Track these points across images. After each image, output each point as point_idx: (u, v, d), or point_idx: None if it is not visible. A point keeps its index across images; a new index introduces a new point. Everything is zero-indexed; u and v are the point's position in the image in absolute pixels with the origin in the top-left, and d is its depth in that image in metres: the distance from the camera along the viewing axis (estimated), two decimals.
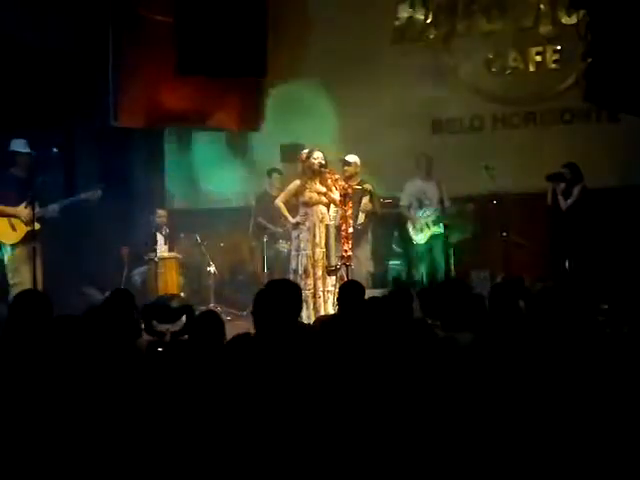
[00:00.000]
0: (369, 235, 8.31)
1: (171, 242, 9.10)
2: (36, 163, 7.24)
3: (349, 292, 5.03)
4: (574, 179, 8.24)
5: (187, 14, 9.06)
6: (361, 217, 8.19)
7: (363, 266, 8.15)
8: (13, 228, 7.26)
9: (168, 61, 9.01)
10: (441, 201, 8.51)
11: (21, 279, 7.15)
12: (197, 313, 4.40)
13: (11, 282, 7.21)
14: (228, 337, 3.68)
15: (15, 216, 7.25)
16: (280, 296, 3.81)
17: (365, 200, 8.21)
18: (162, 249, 8.91)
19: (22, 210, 7.25)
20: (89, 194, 7.48)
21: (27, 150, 7.33)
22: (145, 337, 4.50)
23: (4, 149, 7.42)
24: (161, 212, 9.16)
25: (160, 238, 9.01)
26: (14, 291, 7.02)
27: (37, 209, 7.12)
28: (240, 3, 9.14)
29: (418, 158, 8.68)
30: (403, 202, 8.64)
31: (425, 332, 3.17)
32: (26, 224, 7.23)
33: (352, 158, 8.17)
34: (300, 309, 4.74)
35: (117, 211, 8.36)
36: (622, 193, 8.54)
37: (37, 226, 7.17)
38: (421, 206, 8.53)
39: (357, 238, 7.87)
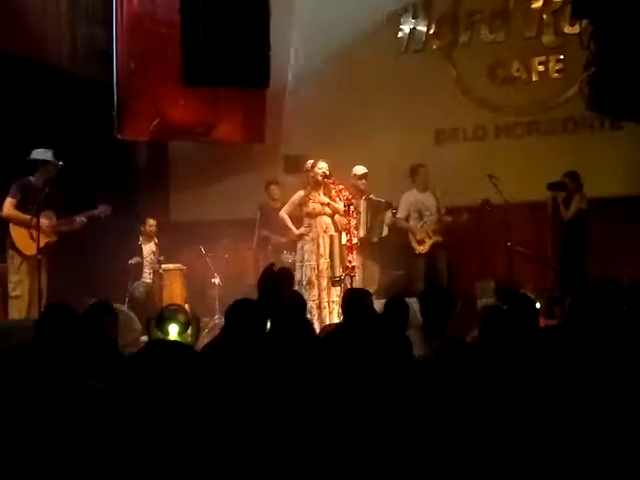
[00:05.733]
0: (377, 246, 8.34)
1: (174, 253, 9.09)
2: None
3: (352, 300, 5.03)
4: (575, 188, 8.25)
5: (193, 26, 9.08)
6: (385, 230, 8.24)
7: (373, 277, 8.17)
8: (32, 238, 7.04)
9: (172, 75, 9.02)
10: (438, 210, 8.52)
11: (22, 292, 7.03)
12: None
13: (12, 294, 7.07)
14: None
15: (32, 227, 7.01)
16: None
17: (389, 213, 8.25)
18: (149, 258, 8.84)
19: (43, 221, 7.09)
20: (102, 209, 7.53)
21: (57, 161, 7.20)
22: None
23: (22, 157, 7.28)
24: (151, 221, 9.06)
25: (150, 247, 8.93)
26: (13, 304, 7.02)
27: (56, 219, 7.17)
28: (244, 15, 9.15)
29: (416, 170, 8.63)
30: (400, 214, 8.59)
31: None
32: (46, 235, 7.13)
33: (363, 169, 8.16)
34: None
35: (120, 223, 8.35)
36: (626, 202, 8.53)
37: (54, 238, 7.19)
38: (421, 217, 8.50)
39: (369, 249, 7.92)
